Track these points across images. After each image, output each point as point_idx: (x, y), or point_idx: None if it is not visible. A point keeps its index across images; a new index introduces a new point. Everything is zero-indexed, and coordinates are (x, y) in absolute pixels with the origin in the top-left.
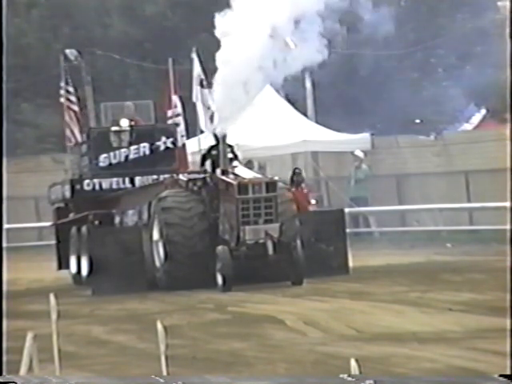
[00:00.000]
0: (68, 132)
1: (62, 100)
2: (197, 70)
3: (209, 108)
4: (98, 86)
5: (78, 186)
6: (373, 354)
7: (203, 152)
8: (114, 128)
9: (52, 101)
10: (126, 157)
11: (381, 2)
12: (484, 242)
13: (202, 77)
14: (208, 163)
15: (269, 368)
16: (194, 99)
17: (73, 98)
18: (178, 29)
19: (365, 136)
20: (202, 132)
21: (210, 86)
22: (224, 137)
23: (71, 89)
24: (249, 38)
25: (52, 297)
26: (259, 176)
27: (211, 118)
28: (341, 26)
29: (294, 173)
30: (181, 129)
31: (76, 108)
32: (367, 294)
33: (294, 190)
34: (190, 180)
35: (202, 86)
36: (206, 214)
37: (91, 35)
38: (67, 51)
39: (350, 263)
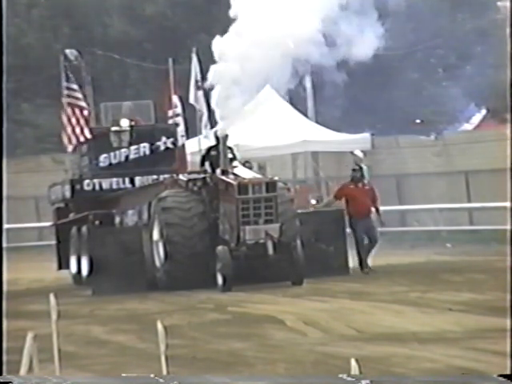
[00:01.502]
0: (72, 131)
1: (66, 99)
2: (194, 71)
3: (199, 110)
4: (98, 86)
5: (78, 186)
6: (373, 354)
7: (203, 152)
8: (114, 128)
9: (52, 101)
10: (126, 157)
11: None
12: (484, 242)
13: (198, 78)
14: (207, 163)
15: (269, 368)
16: (191, 100)
17: (79, 95)
18: (177, 29)
19: (365, 136)
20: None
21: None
22: (225, 137)
23: (76, 86)
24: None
25: (52, 297)
26: (259, 176)
27: (200, 119)
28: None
29: (353, 169)
30: (181, 129)
31: (84, 104)
32: (367, 294)
33: (352, 187)
34: (189, 180)
35: (197, 87)
36: (206, 214)
37: (91, 35)
38: (67, 51)
39: (350, 263)
